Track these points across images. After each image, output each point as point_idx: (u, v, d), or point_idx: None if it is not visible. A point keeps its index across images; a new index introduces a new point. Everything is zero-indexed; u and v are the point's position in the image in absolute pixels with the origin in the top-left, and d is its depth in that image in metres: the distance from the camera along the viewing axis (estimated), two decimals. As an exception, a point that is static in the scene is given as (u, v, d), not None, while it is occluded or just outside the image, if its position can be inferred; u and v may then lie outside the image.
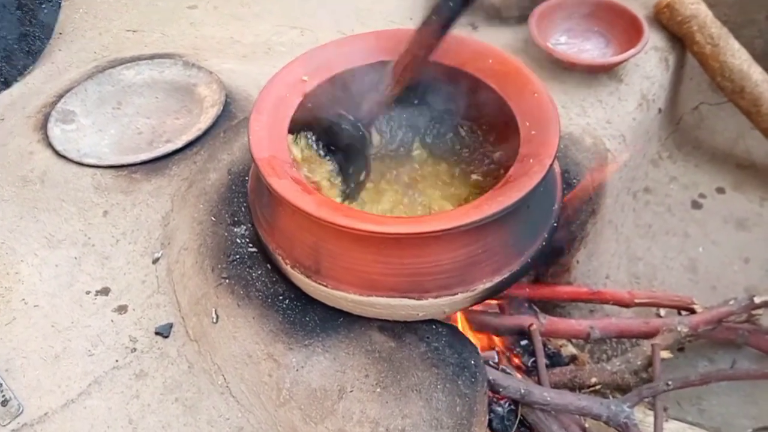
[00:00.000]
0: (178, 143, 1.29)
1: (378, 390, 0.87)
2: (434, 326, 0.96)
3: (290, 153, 0.95)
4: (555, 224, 0.96)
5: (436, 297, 0.87)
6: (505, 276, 0.90)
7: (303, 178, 0.91)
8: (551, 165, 0.87)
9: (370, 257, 0.86)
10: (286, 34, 1.69)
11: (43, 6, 1.57)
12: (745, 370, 1.09)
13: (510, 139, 1.01)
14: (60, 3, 1.61)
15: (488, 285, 0.89)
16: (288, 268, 0.93)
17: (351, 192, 1.00)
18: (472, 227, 0.81)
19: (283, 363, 0.92)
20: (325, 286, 0.89)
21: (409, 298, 0.87)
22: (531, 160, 0.88)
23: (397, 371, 0.89)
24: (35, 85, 1.52)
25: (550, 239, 0.95)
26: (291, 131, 0.98)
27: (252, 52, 1.61)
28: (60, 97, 1.42)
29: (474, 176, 1.10)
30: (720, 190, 1.70)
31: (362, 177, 1.02)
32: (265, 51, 1.63)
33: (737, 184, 1.71)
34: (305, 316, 0.96)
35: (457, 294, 0.88)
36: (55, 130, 1.34)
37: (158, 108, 1.43)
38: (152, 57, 1.53)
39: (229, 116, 1.35)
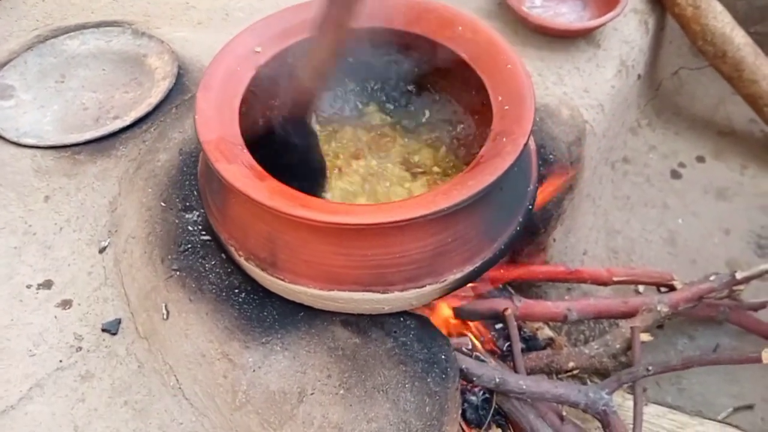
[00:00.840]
0: (126, 120, 1.19)
1: (341, 392, 0.81)
2: (402, 318, 0.89)
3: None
4: (530, 206, 0.89)
5: (402, 290, 0.81)
6: (477, 265, 0.83)
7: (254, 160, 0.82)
8: (526, 144, 0.80)
9: (329, 249, 0.79)
10: (245, -2, 1.58)
11: (-24, -31, 1.44)
12: (728, 354, 1.05)
13: (481, 112, 0.95)
14: (-6, -34, 1.48)
15: (459, 275, 0.82)
16: (242, 261, 0.85)
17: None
18: (440, 215, 0.74)
19: (238, 363, 0.85)
20: (283, 280, 0.82)
21: (373, 291, 0.80)
22: (504, 139, 0.81)
23: (362, 370, 0.82)
24: (-30, 57, 1.40)
25: (524, 222, 0.88)
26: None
27: (208, 19, 1.50)
28: (-3, 70, 1.31)
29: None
30: (700, 159, 1.65)
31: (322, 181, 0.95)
32: (222, 17, 1.52)
33: (717, 152, 1.65)
34: (263, 311, 0.89)
35: (425, 286, 0.81)
36: (-9, 108, 1.23)
37: (105, 81, 1.33)
38: (98, 25, 1.41)
39: (182, 89, 1.25)
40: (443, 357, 0.87)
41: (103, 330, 0.97)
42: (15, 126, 1.20)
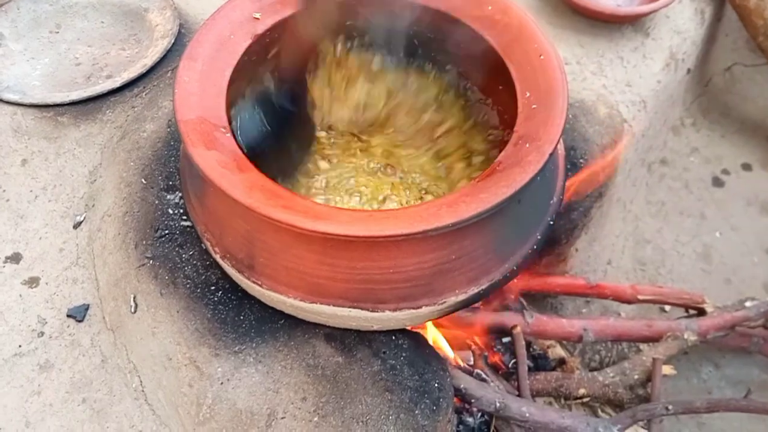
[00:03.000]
0: (117, 81, 1.08)
1: (315, 419, 0.71)
2: (393, 337, 0.79)
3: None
4: (551, 221, 0.78)
5: (394, 309, 0.70)
6: (484, 287, 0.72)
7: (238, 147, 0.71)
8: (552, 153, 0.68)
9: (314, 257, 0.68)
10: (263, -47, 1.45)
11: None
12: (762, 403, 0.93)
13: (506, 105, 0.82)
14: None
15: (461, 297, 0.71)
16: (218, 258, 0.75)
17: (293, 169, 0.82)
18: (444, 232, 0.63)
19: (206, 372, 0.75)
20: (260, 285, 0.72)
21: (362, 308, 0.70)
22: (527, 145, 0.69)
23: (342, 395, 0.72)
24: (-39, -2, 1.30)
25: (543, 239, 0.77)
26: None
27: (220, -27, 1.38)
28: (-14, 15, 1.21)
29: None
30: (746, 167, 1.50)
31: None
32: (236, -28, 1.39)
33: (766, 161, 1.50)
34: (239, 314, 0.79)
35: (421, 307, 0.70)
36: (-25, 56, 1.14)
37: (103, 35, 1.22)
38: (100, -28, 1.30)
39: (181, 51, 1.10)
40: (436, 385, 0.76)
41: (69, 315, 0.89)
42: (-1, 79, 1.11)
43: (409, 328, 0.81)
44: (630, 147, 1.19)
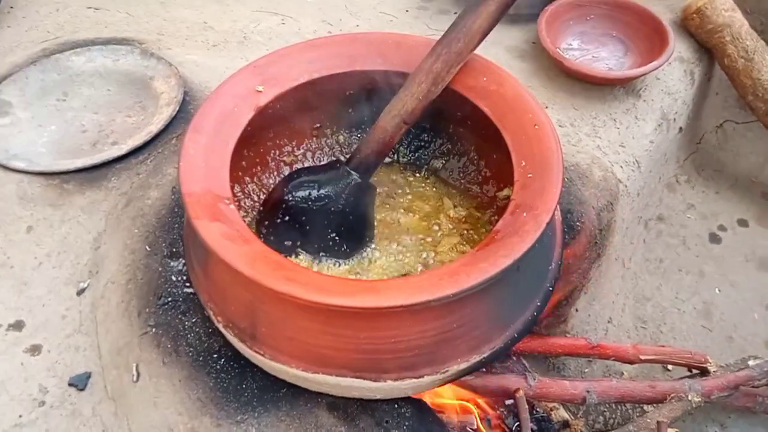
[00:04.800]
0: (123, 148, 1.11)
1: (318, 491, 0.70)
2: (396, 405, 0.79)
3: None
4: (551, 287, 0.79)
5: (397, 379, 0.70)
6: (486, 355, 0.73)
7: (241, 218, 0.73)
8: (549, 222, 0.69)
9: (316, 327, 0.69)
10: (265, 21, 1.50)
11: (-12, -24, 1.38)
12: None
13: (502, 171, 0.84)
14: (8, -26, 1.42)
15: (463, 366, 0.72)
16: (220, 327, 0.76)
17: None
18: (445, 302, 0.64)
19: (207, 443, 0.75)
20: (262, 355, 0.72)
21: (364, 378, 0.70)
22: (524, 214, 0.71)
23: (345, 466, 0.72)
24: (-28, 68, 1.34)
25: (543, 306, 0.78)
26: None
27: (224, 41, 1.43)
28: (-4, 84, 1.24)
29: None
30: (742, 223, 1.51)
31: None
32: (239, 40, 1.44)
33: (762, 217, 1.52)
34: (241, 383, 0.79)
35: (423, 377, 0.71)
36: (-16, 125, 1.16)
37: (109, 102, 1.25)
38: (107, 42, 1.34)
39: (186, 118, 1.17)
40: (439, 455, 0.76)
41: (70, 384, 0.88)
42: (6, 147, 1.13)
43: (412, 396, 0.81)
44: (626, 206, 1.20)
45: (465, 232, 0.92)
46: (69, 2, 1.54)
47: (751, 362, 1.14)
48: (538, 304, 0.76)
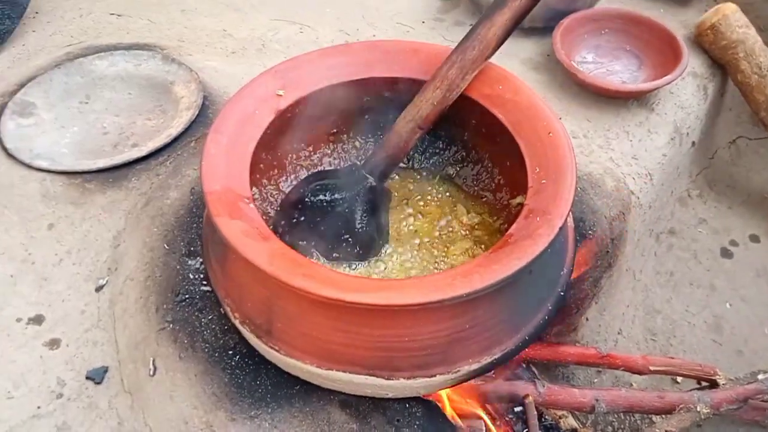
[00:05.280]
0: (143, 150, 1.13)
1: (329, 486, 0.72)
2: (408, 405, 0.80)
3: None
4: (562, 292, 0.80)
5: (409, 377, 0.72)
6: (497, 356, 0.74)
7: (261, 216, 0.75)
8: (562, 227, 0.71)
9: (331, 324, 0.70)
10: (284, 29, 1.53)
11: (16, -18, 1.42)
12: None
13: (516, 178, 0.86)
14: (35, -20, 1.46)
15: (475, 366, 0.73)
16: (237, 323, 0.77)
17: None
18: (458, 302, 0.65)
19: (222, 437, 0.77)
20: (277, 351, 0.74)
21: (377, 376, 0.71)
22: (537, 218, 0.72)
23: (356, 462, 0.73)
24: (-2, 69, 1.37)
25: (555, 310, 0.79)
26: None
27: (242, 48, 1.45)
28: (22, 86, 1.27)
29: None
30: (754, 238, 1.52)
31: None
32: (258, 48, 1.47)
33: (774, 233, 1.53)
34: (256, 379, 0.81)
35: (435, 376, 0.72)
36: (9, 125, 1.19)
37: (130, 105, 1.28)
38: (130, 47, 1.38)
39: (205, 122, 1.19)
40: (448, 456, 0.77)
41: (88, 378, 0.90)
42: (30, 146, 1.16)
43: (422, 396, 0.83)
44: (638, 218, 1.21)
45: (478, 238, 0.93)
46: (92, 8, 1.58)
47: (760, 376, 1.14)
48: (549, 308, 0.78)
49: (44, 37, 1.47)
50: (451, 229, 0.95)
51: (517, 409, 1.07)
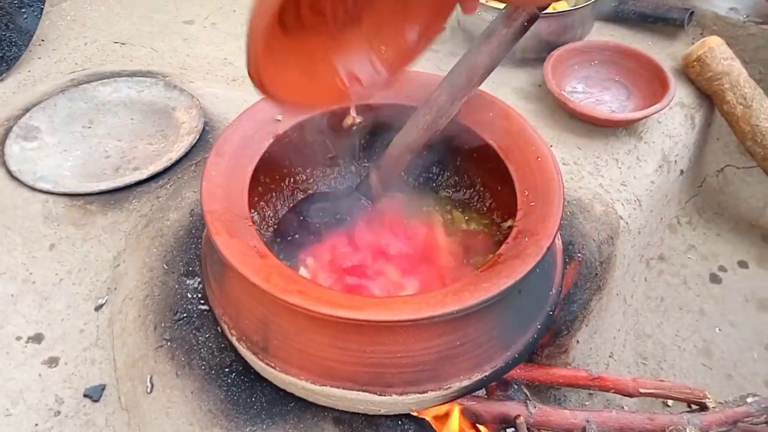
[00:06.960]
0: (144, 173, 1.16)
1: (322, 501, 0.73)
2: (400, 422, 0.81)
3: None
4: (551, 312, 0.82)
5: (401, 394, 0.73)
6: (487, 373, 0.76)
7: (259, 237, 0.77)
8: (550, 247, 0.73)
9: (326, 341, 0.72)
10: (283, 58, 1.57)
11: (23, 11, 1.46)
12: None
13: (506, 202, 0.89)
14: (42, 9, 1.50)
15: (465, 383, 0.75)
16: (234, 340, 0.79)
17: None
18: (448, 318, 0.67)
19: (217, 453, 0.78)
20: (273, 367, 0.75)
21: (370, 392, 0.73)
22: (526, 239, 0.75)
23: (349, 478, 0.75)
24: (4, 95, 1.40)
25: (544, 329, 0.81)
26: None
27: (243, 76, 1.49)
28: (26, 110, 1.30)
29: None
30: (742, 264, 1.55)
31: None
32: (257, 76, 1.50)
33: (762, 259, 1.55)
34: (251, 396, 0.82)
35: (426, 392, 0.74)
36: (13, 148, 1.22)
37: (132, 131, 1.31)
38: (133, 74, 1.41)
39: (205, 146, 1.22)
40: (439, 472, 0.78)
41: (85, 395, 0.92)
42: (33, 169, 1.18)
43: (414, 413, 0.84)
44: (627, 243, 1.24)
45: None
46: (97, 36, 1.62)
47: (749, 399, 1.15)
48: (539, 327, 0.80)
49: (50, 63, 1.51)
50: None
51: (509, 429, 1.08)
